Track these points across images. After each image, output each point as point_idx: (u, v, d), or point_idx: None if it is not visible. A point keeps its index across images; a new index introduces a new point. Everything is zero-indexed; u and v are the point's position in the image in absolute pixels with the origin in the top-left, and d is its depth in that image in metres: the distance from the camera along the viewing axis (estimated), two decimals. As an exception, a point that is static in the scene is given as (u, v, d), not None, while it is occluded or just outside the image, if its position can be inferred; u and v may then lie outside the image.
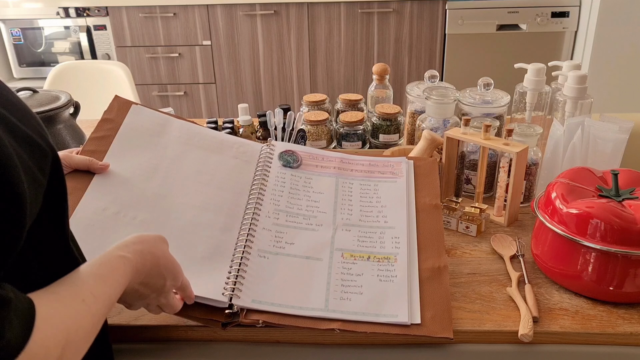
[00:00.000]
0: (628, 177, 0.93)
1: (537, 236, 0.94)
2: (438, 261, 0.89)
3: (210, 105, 3.11)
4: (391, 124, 1.34)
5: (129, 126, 1.00)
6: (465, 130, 1.09)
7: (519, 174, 1.04)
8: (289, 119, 1.24)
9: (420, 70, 2.96)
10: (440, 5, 2.83)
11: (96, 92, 2.13)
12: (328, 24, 2.91)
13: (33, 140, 0.53)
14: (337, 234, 0.94)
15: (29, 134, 0.52)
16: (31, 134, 0.53)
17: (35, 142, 0.53)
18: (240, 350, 0.85)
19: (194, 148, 1.02)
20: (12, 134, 0.49)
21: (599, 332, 0.82)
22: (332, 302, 0.82)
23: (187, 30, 2.94)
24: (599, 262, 0.84)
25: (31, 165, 0.51)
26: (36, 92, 1.29)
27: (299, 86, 3.06)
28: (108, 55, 3.02)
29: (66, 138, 1.26)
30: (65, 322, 0.52)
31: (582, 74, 1.17)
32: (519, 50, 2.86)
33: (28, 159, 0.51)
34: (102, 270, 0.60)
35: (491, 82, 1.25)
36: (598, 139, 1.08)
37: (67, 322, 0.52)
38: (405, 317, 0.80)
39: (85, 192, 0.87)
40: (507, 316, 0.84)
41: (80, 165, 0.90)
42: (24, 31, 2.99)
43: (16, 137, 0.50)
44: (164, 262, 0.69)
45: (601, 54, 2.69)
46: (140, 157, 0.97)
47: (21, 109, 0.55)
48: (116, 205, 0.87)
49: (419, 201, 1.00)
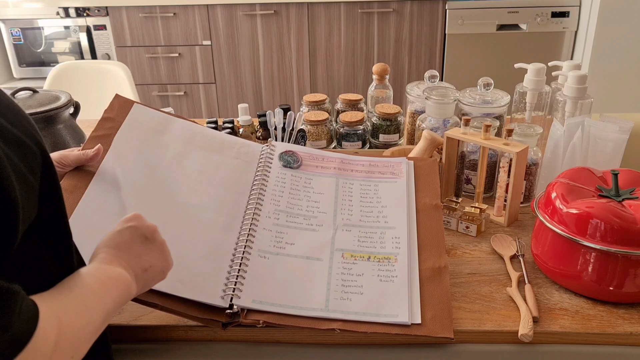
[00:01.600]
0: (628, 177, 0.93)
1: (537, 236, 0.94)
2: (438, 261, 0.89)
3: (210, 105, 3.11)
4: (391, 124, 1.34)
5: (130, 125, 1.00)
6: (465, 130, 1.09)
7: (519, 174, 1.04)
8: (289, 119, 1.24)
9: (420, 70, 2.96)
10: (440, 5, 2.83)
11: (96, 92, 2.13)
12: (328, 24, 2.91)
13: (22, 141, 0.52)
14: (337, 234, 0.94)
15: (18, 135, 0.52)
16: (20, 135, 0.52)
17: (25, 143, 0.53)
18: (240, 350, 0.85)
19: (195, 148, 1.02)
20: (1, 137, 0.49)
21: (599, 332, 0.82)
22: (332, 302, 0.82)
23: (187, 30, 2.94)
24: (599, 262, 0.84)
25: (22, 168, 0.51)
26: (36, 92, 1.29)
27: (299, 86, 3.06)
28: (108, 55, 3.02)
29: (66, 138, 1.26)
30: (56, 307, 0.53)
31: (582, 74, 1.17)
32: (519, 50, 2.86)
33: (19, 161, 0.51)
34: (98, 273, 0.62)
35: (491, 82, 1.25)
36: (598, 139, 1.08)
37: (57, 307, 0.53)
38: (406, 317, 0.80)
39: (86, 190, 0.87)
40: (507, 316, 0.84)
41: (76, 161, 0.89)
42: (24, 31, 2.99)
43: (5, 140, 0.50)
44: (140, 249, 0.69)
45: (601, 54, 2.69)
46: (141, 156, 0.96)
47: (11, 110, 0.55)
48: (116, 204, 0.87)
49: (419, 201, 1.00)
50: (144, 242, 0.69)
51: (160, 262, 0.70)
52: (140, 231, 0.69)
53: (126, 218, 0.70)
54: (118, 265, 0.64)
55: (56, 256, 0.59)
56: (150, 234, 0.69)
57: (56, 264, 0.58)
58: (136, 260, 0.67)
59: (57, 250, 0.59)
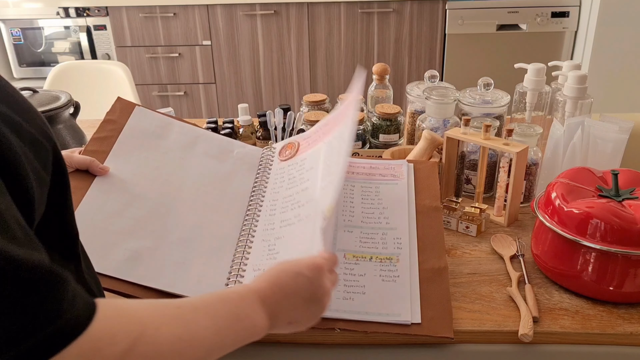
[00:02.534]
0: (628, 177, 0.93)
1: (537, 236, 0.94)
2: (438, 262, 0.89)
3: (210, 105, 3.11)
4: (391, 124, 1.34)
5: (131, 128, 1.00)
6: (465, 130, 1.09)
7: (519, 174, 1.04)
8: (289, 119, 1.24)
9: (420, 70, 2.96)
10: (440, 5, 2.83)
11: (96, 92, 2.13)
12: (328, 24, 2.91)
13: (37, 139, 0.53)
14: (339, 235, 0.94)
15: (33, 134, 0.52)
16: (35, 134, 0.53)
17: (39, 141, 0.53)
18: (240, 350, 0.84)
19: (196, 151, 1.02)
20: (18, 136, 0.50)
21: (599, 332, 0.82)
22: (334, 302, 0.83)
23: (187, 30, 2.94)
24: (599, 262, 0.84)
25: (37, 165, 0.51)
26: (36, 92, 1.29)
27: (299, 86, 3.06)
28: (108, 55, 3.02)
29: (66, 138, 1.26)
30: (142, 315, 0.49)
31: (582, 74, 1.17)
32: (519, 50, 2.86)
33: (34, 158, 0.51)
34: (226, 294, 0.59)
35: (491, 82, 1.25)
36: (598, 139, 1.08)
37: (145, 316, 0.50)
38: (407, 316, 0.80)
39: (87, 192, 0.87)
40: (507, 316, 0.84)
41: (81, 164, 0.90)
42: (24, 31, 2.99)
43: (22, 139, 0.50)
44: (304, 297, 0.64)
45: (601, 54, 2.69)
46: (143, 158, 0.97)
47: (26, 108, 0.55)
48: (117, 206, 0.88)
49: (419, 203, 1.00)
50: (309, 299, 0.64)
51: (307, 322, 0.66)
52: (314, 287, 0.64)
53: (312, 264, 0.65)
54: (262, 308, 0.60)
55: (62, 253, 0.59)
56: (321, 295, 0.65)
57: (63, 261, 0.58)
58: (287, 311, 0.63)
59: (63, 246, 0.59)
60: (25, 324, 0.40)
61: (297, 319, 0.64)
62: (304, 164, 1.00)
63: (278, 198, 0.97)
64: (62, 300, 0.43)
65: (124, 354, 0.46)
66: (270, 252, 0.88)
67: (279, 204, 0.96)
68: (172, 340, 0.50)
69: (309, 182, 0.93)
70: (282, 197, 0.97)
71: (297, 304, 0.63)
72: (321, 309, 0.66)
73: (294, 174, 0.99)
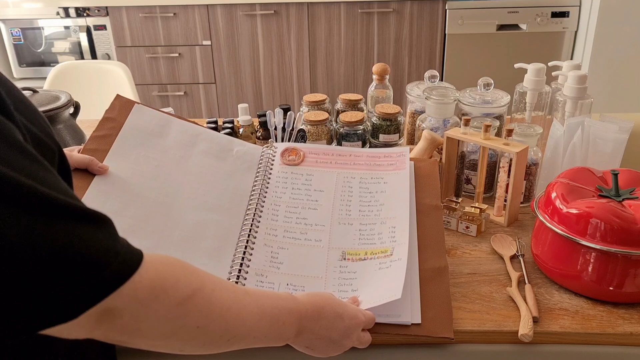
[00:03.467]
0: (628, 177, 0.93)
1: (537, 236, 0.94)
2: (438, 262, 0.89)
3: (210, 105, 3.11)
4: (391, 124, 1.34)
5: (131, 125, 1.00)
6: (465, 130, 1.09)
7: (519, 174, 1.04)
8: (289, 119, 1.24)
9: (420, 70, 2.96)
10: (440, 5, 2.83)
11: (96, 92, 2.13)
12: (328, 24, 2.91)
13: (42, 140, 0.53)
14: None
15: (38, 134, 0.53)
16: (39, 134, 0.53)
17: (44, 141, 0.53)
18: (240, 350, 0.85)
19: (196, 149, 1.02)
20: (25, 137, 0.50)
21: (599, 332, 0.82)
22: None
23: (187, 30, 2.94)
24: (599, 262, 0.84)
25: None
26: (36, 92, 1.29)
27: (299, 86, 3.06)
28: (108, 55, 3.02)
29: (66, 138, 1.26)
30: (202, 274, 0.55)
31: (582, 74, 1.17)
32: (519, 50, 2.86)
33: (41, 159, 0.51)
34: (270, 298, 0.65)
35: (491, 82, 1.25)
36: (598, 139, 1.08)
37: (204, 275, 0.55)
38: (407, 317, 0.80)
39: (87, 191, 0.87)
40: (507, 316, 0.84)
41: (81, 164, 0.90)
42: (24, 31, 2.99)
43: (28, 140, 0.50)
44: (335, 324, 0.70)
45: (601, 54, 2.69)
46: (142, 156, 0.96)
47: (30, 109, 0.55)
48: (117, 205, 0.87)
49: (419, 202, 0.99)
50: (335, 340, 0.70)
51: (320, 354, 0.71)
52: (344, 335, 0.70)
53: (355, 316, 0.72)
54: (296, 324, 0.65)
55: None
56: (346, 343, 0.71)
57: None
58: (312, 338, 0.68)
59: None
60: (107, 250, 0.46)
61: (316, 347, 0.69)
62: (310, 180, 1.02)
63: (280, 204, 0.97)
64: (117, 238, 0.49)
65: (183, 301, 0.50)
66: (273, 260, 0.88)
67: (281, 210, 0.96)
68: (222, 306, 0.55)
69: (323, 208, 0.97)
70: (285, 204, 0.97)
71: (323, 337, 0.68)
72: (338, 351, 0.72)
73: (299, 185, 1.01)
